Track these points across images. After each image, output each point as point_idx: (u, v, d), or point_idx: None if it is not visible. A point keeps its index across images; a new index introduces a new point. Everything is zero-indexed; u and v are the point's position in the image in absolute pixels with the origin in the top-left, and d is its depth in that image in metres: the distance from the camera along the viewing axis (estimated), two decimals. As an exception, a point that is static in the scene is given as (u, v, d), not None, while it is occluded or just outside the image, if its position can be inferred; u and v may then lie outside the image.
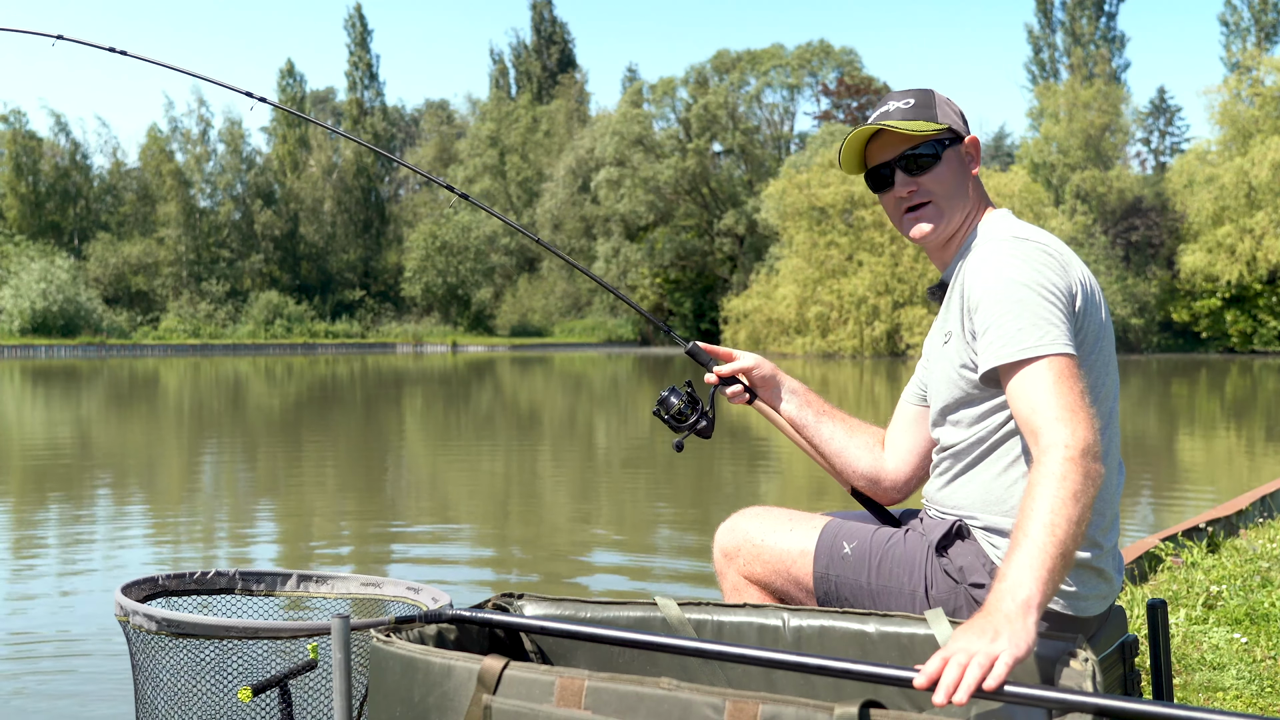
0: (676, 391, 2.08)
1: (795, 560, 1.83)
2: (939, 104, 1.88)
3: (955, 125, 1.87)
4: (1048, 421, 1.53)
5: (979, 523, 1.74)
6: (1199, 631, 3.56)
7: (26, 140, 56.61)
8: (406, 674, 1.45)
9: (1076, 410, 1.53)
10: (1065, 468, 1.47)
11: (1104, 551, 1.73)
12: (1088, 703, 1.24)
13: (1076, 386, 1.56)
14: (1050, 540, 1.41)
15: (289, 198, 61.66)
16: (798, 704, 1.19)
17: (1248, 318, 45.00)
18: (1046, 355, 1.58)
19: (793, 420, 2.07)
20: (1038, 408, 1.55)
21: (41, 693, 3.79)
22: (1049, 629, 1.67)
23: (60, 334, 50.15)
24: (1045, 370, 1.57)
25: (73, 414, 17.25)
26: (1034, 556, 1.40)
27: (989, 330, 1.64)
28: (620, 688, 1.30)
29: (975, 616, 1.38)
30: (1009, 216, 1.85)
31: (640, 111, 57.46)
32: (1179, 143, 60.19)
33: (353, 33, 66.67)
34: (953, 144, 1.86)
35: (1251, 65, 47.59)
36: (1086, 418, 1.53)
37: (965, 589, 1.70)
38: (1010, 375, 1.60)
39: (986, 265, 1.69)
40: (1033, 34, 60.28)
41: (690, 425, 2.06)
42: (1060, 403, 1.54)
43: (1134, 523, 7.38)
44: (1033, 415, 1.55)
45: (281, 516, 7.69)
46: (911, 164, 1.85)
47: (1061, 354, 1.58)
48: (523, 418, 16.88)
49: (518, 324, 59.77)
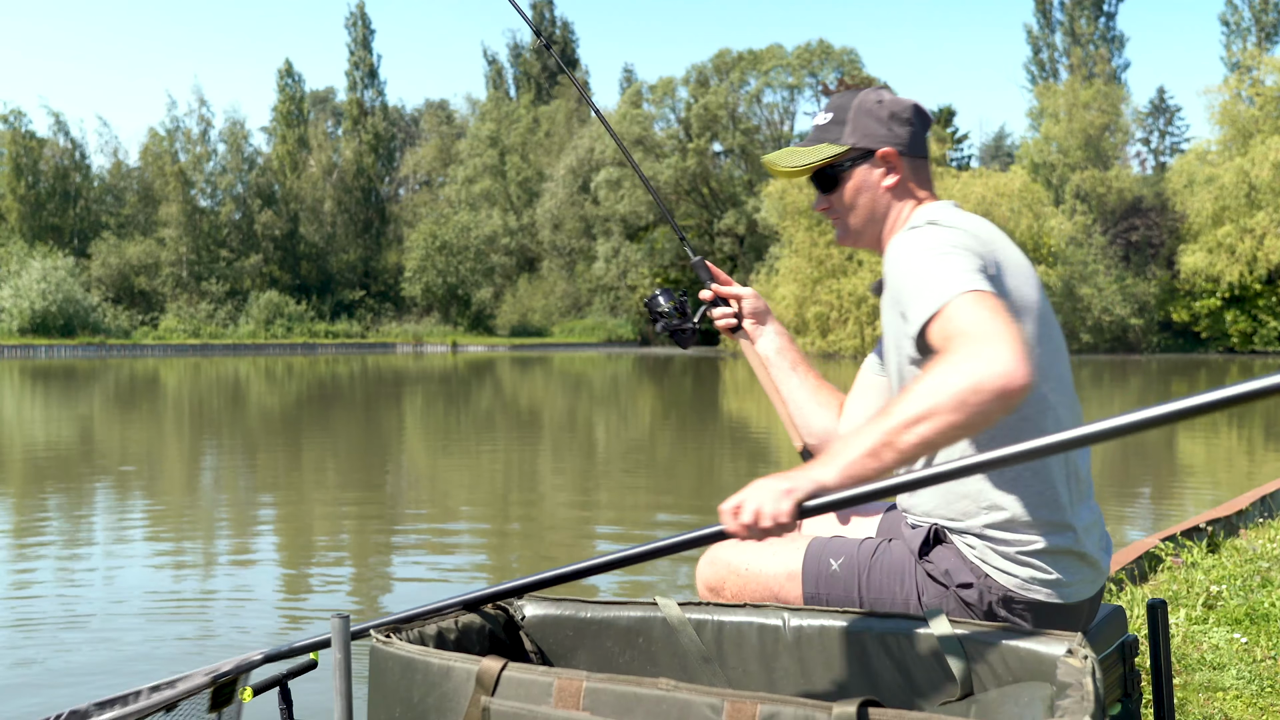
0: (670, 294, 2.15)
1: (783, 584, 1.83)
2: (853, 118, 1.89)
3: (868, 139, 1.87)
4: (960, 344, 1.45)
5: (951, 528, 1.74)
6: (1199, 631, 3.56)
7: (26, 140, 56.63)
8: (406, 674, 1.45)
9: (990, 331, 1.44)
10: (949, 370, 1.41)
11: (1078, 533, 1.70)
12: (886, 486, 1.37)
13: (996, 314, 1.47)
14: (869, 448, 1.43)
15: (289, 198, 61.66)
16: (796, 704, 1.19)
17: (1248, 318, 44.99)
18: (954, 295, 1.52)
19: (768, 360, 2.12)
20: (950, 338, 1.48)
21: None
22: (1038, 620, 1.67)
23: (60, 334, 50.16)
24: (955, 308, 1.51)
25: (72, 414, 17.25)
26: (856, 445, 1.44)
27: (907, 303, 1.61)
28: (618, 688, 1.30)
29: (778, 479, 1.46)
30: (939, 207, 1.84)
31: (640, 111, 57.49)
32: (1179, 143, 60.23)
33: (354, 32, 66.66)
34: (862, 160, 1.88)
35: (1252, 65, 47.59)
36: (1004, 337, 1.42)
37: (954, 591, 1.70)
38: (931, 330, 1.55)
39: (895, 250, 1.70)
40: (1032, 34, 60.32)
41: (670, 326, 2.12)
42: (974, 329, 1.46)
43: (1134, 523, 7.38)
44: (947, 345, 1.48)
45: (281, 516, 7.69)
46: (821, 181, 1.92)
47: (971, 290, 1.52)
48: (523, 417, 16.88)
49: (518, 324, 59.78)
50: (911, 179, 1.90)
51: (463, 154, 65.04)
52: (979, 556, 1.69)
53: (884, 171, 1.89)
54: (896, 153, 1.88)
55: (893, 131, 1.88)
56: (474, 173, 63.09)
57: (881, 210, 1.90)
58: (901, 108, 1.90)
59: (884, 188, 1.89)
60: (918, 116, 1.91)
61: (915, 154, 1.90)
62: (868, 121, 1.88)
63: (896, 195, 1.89)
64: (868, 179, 1.89)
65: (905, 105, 1.90)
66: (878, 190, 1.89)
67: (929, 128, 1.95)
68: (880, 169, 1.88)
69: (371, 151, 64.99)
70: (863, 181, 1.89)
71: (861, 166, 1.89)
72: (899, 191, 1.89)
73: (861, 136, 1.88)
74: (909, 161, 1.89)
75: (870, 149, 1.88)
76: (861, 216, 1.90)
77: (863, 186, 1.89)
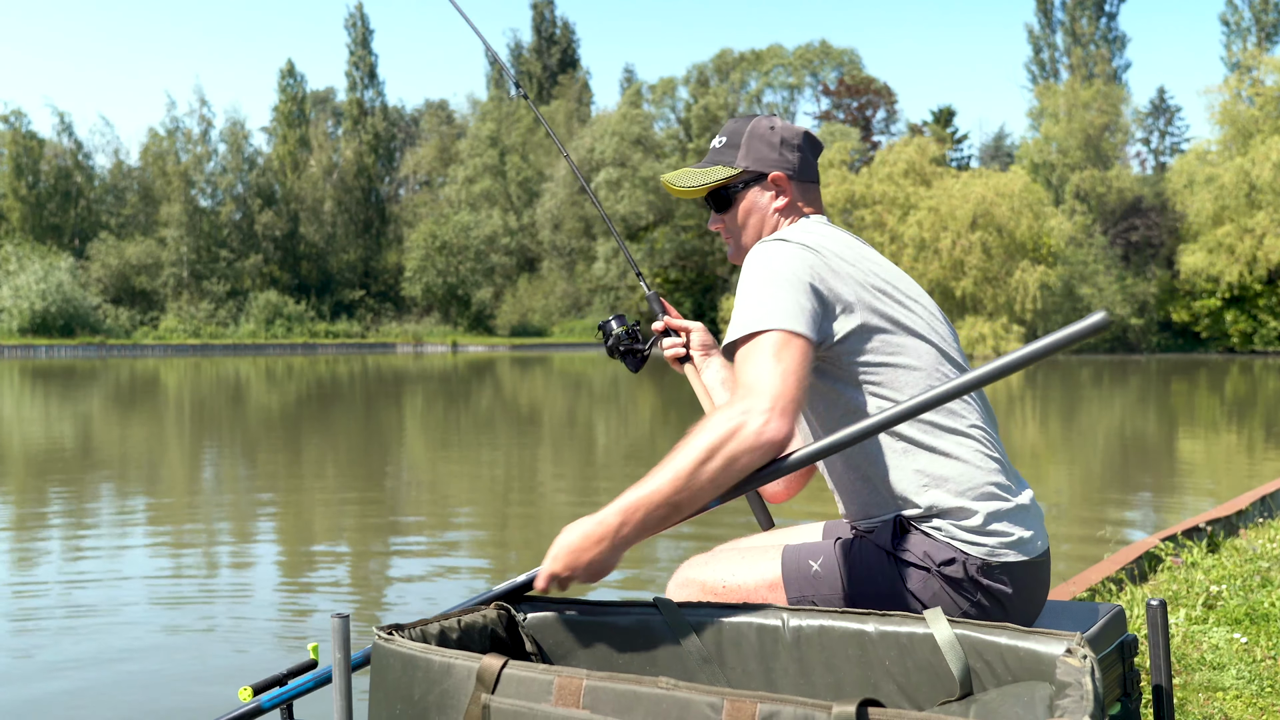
0: (623, 320, 2.29)
1: (766, 594, 1.84)
2: (746, 143, 1.98)
3: (760, 163, 1.96)
4: (739, 388, 1.62)
5: (909, 516, 1.76)
6: (1199, 631, 3.56)
7: (27, 141, 56.65)
8: (406, 671, 1.45)
9: (762, 382, 1.60)
10: (724, 427, 1.57)
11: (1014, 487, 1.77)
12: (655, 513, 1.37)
13: (781, 361, 1.62)
14: (659, 486, 1.58)
15: (289, 198, 61.70)
16: (795, 703, 1.19)
17: (1248, 318, 45.01)
18: (759, 330, 1.66)
19: (712, 389, 2.20)
20: (736, 382, 1.65)
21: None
22: (1014, 581, 1.71)
23: (60, 334, 50.19)
24: (754, 344, 1.65)
25: (72, 413, 17.26)
26: (638, 495, 1.59)
27: (732, 317, 1.73)
28: (618, 687, 1.30)
29: (586, 521, 1.62)
30: (802, 224, 1.92)
31: (640, 112, 57.53)
32: (1179, 143, 60.25)
33: (354, 33, 66.71)
34: (754, 182, 1.97)
35: (1252, 65, 47.62)
36: (772, 391, 1.59)
37: (937, 572, 1.72)
38: (735, 355, 1.69)
39: (747, 260, 1.80)
40: (1033, 34, 60.35)
41: (620, 351, 2.26)
42: (754, 373, 1.62)
43: (1134, 523, 7.38)
44: (734, 386, 1.64)
45: (281, 516, 7.69)
46: (715, 202, 2.01)
47: (775, 329, 1.65)
48: (523, 417, 16.89)
49: (518, 324, 59.79)
50: (800, 201, 1.99)
51: (463, 154, 65.05)
52: (947, 536, 1.73)
53: (774, 194, 1.98)
54: (786, 177, 1.97)
55: (783, 156, 1.97)
56: (474, 172, 63.10)
57: (770, 231, 1.98)
58: (792, 134, 1.99)
59: (773, 210, 1.98)
60: (808, 143, 2.00)
61: (804, 179, 1.99)
62: (760, 146, 1.98)
63: (785, 217, 1.98)
64: (758, 201, 1.98)
65: (796, 132, 2.00)
66: (767, 212, 1.98)
67: (819, 154, 2.05)
68: (771, 192, 1.98)
69: (371, 151, 65.04)
70: (753, 203, 1.98)
71: (753, 189, 1.98)
72: (787, 213, 1.98)
73: (754, 160, 1.97)
74: (798, 185, 1.98)
75: (762, 172, 1.97)
76: (751, 236, 2.00)
77: (753, 208, 1.99)
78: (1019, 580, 1.73)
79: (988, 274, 43.57)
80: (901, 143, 49.05)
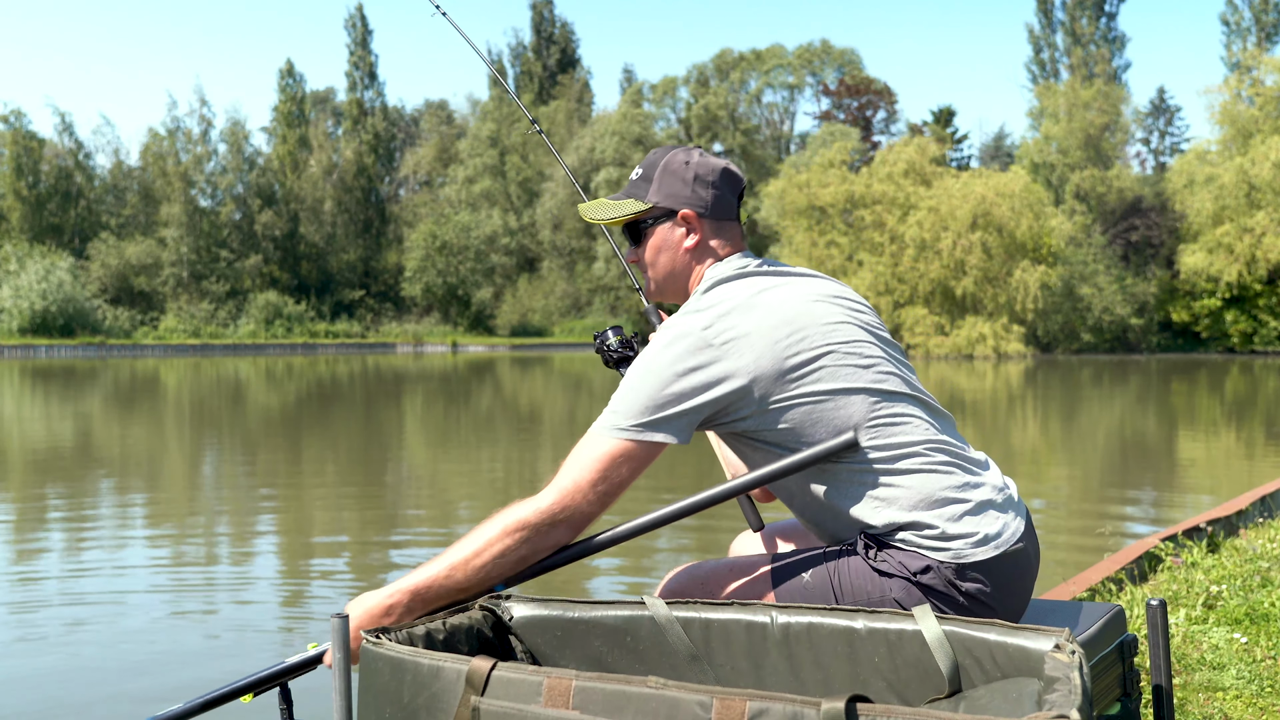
0: (619, 331, 2.29)
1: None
2: (659, 177, 1.92)
3: (670, 199, 1.91)
4: (556, 475, 1.71)
5: (874, 533, 1.75)
6: (1199, 631, 3.55)
7: (27, 141, 56.68)
8: (395, 675, 1.44)
9: (569, 486, 1.69)
10: (507, 522, 1.69)
11: (975, 486, 1.75)
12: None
13: (598, 468, 1.69)
14: (447, 570, 1.70)
15: (289, 198, 61.70)
16: (785, 700, 1.18)
17: (1248, 318, 45.02)
18: (600, 430, 1.72)
19: None
20: (564, 463, 1.72)
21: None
22: (993, 577, 1.71)
23: (60, 334, 50.21)
24: (593, 443, 1.72)
25: (72, 413, 17.26)
26: (426, 575, 1.70)
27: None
28: (607, 687, 1.29)
29: (371, 596, 1.71)
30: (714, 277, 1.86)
31: (640, 111, 57.56)
32: (1179, 143, 60.25)
33: (353, 33, 66.73)
34: (664, 218, 1.92)
35: (1252, 65, 47.63)
36: (573, 503, 1.68)
37: (916, 581, 1.71)
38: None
39: (657, 333, 1.82)
40: (1033, 34, 60.35)
41: (614, 361, 2.25)
42: (567, 473, 1.70)
43: (1134, 523, 7.37)
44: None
45: (281, 515, 7.69)
46: (630, 234, 1.98)
47: (612, 435, 1.71)
48: (522, 417, 16.89)
49: (518, 324, 59.80)
50: (714, 239, 1.92)
51: (463, 154, 65.09)
52: (915, 547, 1.72)
53: (685, 232, 1.92)
54: (696, 215, 1.91)
55: (695, 194, 1.91)
56: (474, 172, 63.12)
57: (680, 269, 1.94)
58: (708, 170, 1.92)
59: (684, 248, 1.92)
60: (725, 180, 1.92)
61: (719, 216, 1.92)
62: (672, 181, 1.92)
63: (696, 257, 1.93)
64: (669, 238, 1.93)
65: (713, 168, 1.92)
66: (678, 250, 1.93)
67: (739, 190, 1.96)
68: (681, 229, 1.92)
69: (371, 151, 65.06)
70: (664, 240, 1.94)
71: (664, 225, 1.93)
72: (698, 253, 1.93)
73: (665, 196, 1.92)
74: (710, 223, 1.91)
75: (672, 209, 1.92)
76: (662, 272, 1.96)
77: (663, 245, 1.94)
78: (996, 575, 1.71)
79: (988, 274, 43.60)
80: (901, 143, 49.06)
